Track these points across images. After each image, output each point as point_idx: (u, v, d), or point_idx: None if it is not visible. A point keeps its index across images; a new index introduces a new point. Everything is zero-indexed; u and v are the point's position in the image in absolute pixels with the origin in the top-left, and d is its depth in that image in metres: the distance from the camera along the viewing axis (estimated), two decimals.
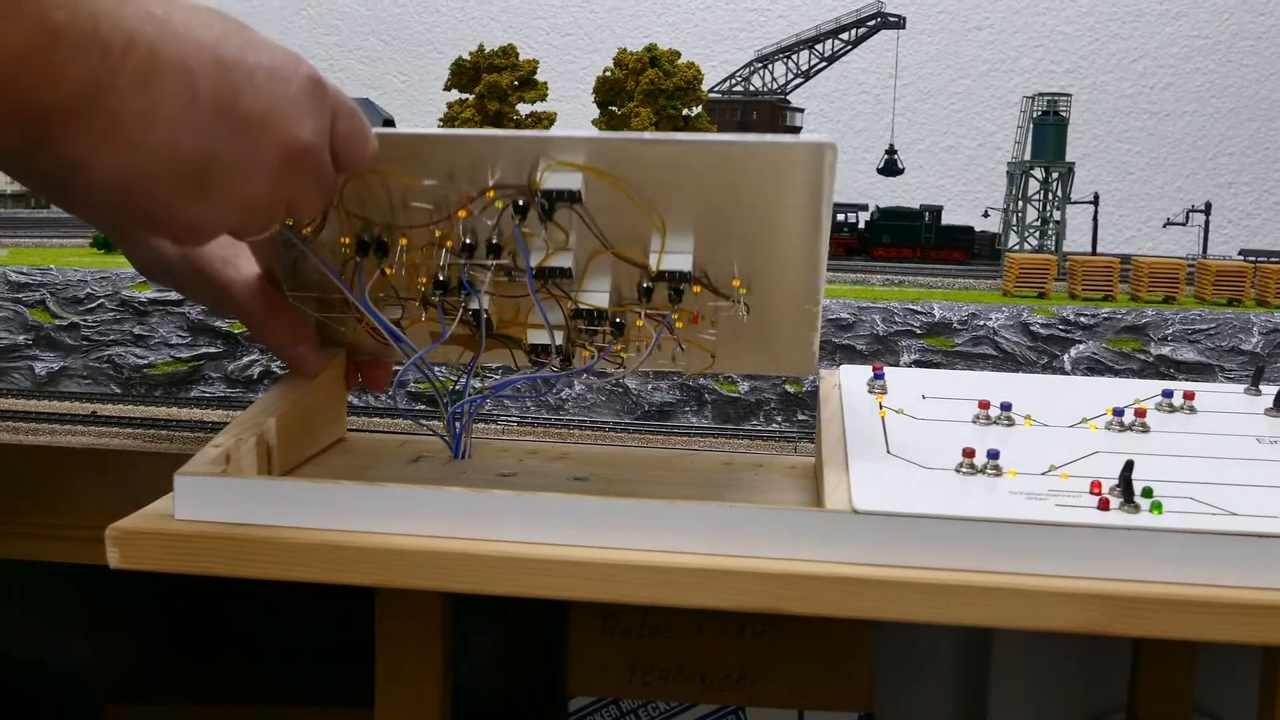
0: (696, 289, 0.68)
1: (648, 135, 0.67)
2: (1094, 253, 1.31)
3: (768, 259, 0.68)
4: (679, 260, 0.68)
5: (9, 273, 1.03)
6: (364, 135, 0.63)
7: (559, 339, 0.70)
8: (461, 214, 0.68)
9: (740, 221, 0.67)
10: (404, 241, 0.69)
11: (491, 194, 0.67)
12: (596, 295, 0.70)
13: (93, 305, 1.02)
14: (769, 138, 0.65)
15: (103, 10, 0.50)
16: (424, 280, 0.70)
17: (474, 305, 0.70)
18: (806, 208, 0.65)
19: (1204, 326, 0.97)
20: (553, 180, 0.66)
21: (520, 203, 0.67)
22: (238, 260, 0.73)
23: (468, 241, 0.69)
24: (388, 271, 0.70)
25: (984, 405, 0.71)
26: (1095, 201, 1.34)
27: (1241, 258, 1.27)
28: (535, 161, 0.66)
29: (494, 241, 0.69)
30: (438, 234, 0.69)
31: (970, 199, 1.70)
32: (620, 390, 0.92)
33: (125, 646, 1.50)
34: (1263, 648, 1.03)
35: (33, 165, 0.54)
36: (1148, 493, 0.60)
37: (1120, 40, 1.71)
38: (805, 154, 0.64)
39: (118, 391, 1.00)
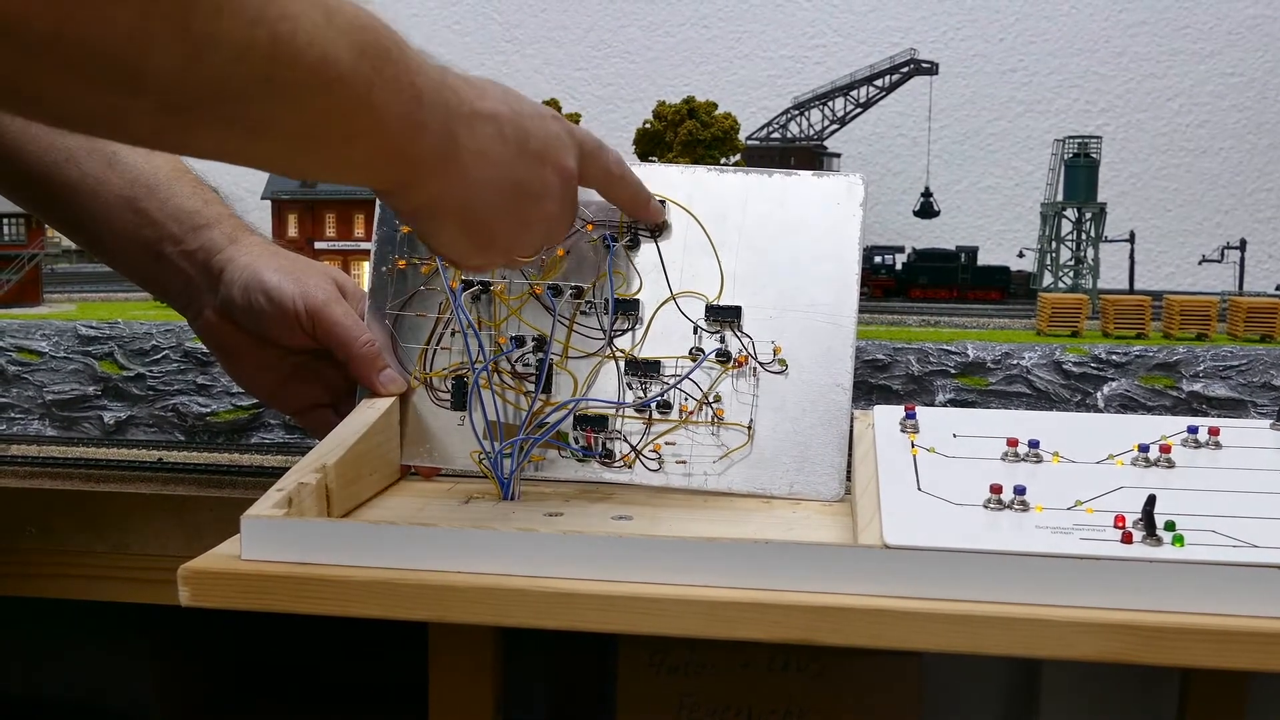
0: (742, 359, 0.81)
1: (717, 168, 0.85)
2: (1131, 290, 1.33)
3: (804, 286, 0.81)
4: (733, 298, 0.82)
5: (79, 327, 1.08)
6: (609, 158, 0.78)
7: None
8: (560, 253, 0.82)
9: (782, 252, 0.82)
10: (501, 288, 0.83)
11: (590, 227, 0.83)
12: (654, 351, 0.82)
13: (158, 357, 1.07)
14: (809, 172, 0.84)
15: (436, 78, 0.62)
16: (503, 340, 0.82)
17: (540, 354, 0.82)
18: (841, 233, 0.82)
19: (1235, 363, 0.99)
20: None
21: (609, 240, 0.82)
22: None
23: (557, 284, 0.82)
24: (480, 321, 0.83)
25: (1012, 443, 0.74)
26: (1131, 239, 1.36)
27: (1279, 293, 1.28)
28: None
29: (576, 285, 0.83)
30: (531, 279, 0.82)
31: (1008, 238, 1.71)
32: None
33: (182, 684, 1.53)
34: None
35: (388, 202, 0.68)
36: (1170, 526, 0.63)
37: (1155, 79, 1.73)
38: (839, 185, 0.82)
39: (182, 439, 1.05)
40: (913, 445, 0.75)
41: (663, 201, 0.83)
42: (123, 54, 0.45)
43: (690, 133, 1.16)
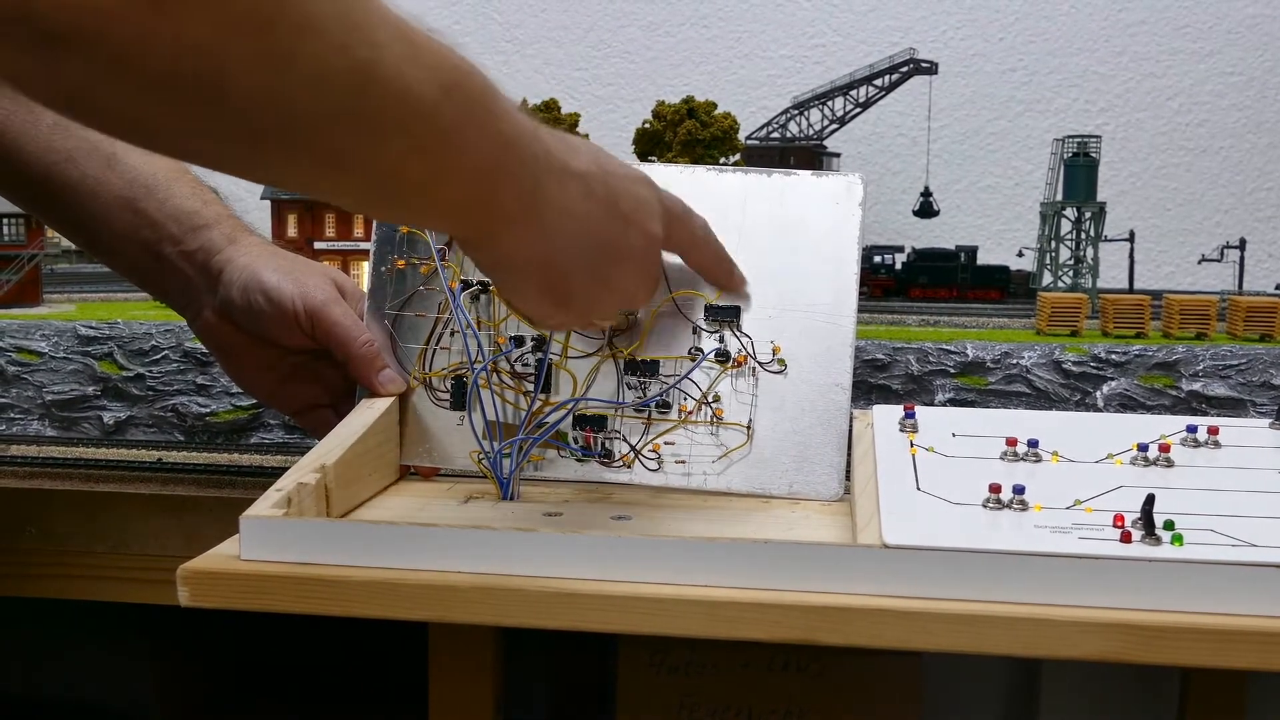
0: (741, 358, 0.80)
1: (716, 168, 0.86)
2: (1130, 289, 1.33)
3: (803, 286, 0.81)
4: (732, 298, 0.81)
5: (79, 327, 1.08)
6: (695, 224, 0.77)
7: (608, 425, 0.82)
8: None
9: (781, 252, 0.82)
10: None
11: None
12: (653, 351, 0.82)
13: (157, 357, 1.07)
14: (808, 172, 0.84)
15: (527, 128, 0.60)
16: (502, 340, 0.82)
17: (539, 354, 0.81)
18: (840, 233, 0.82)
19: (1235, 362, 0.99)
20: None
21: None
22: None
23: None
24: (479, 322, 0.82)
25: (1011, 442, 0.74)
26: (1131, 239, 1.36)
27: (1278, 292, 1.28)
28: None
29: None
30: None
31: (1008, 238, 1.71)
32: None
33: (182, 684, 1.53)
34: None
35: (469, 252, 0.66)
36: (1169, 525, 0.63)
37: (1154, 79, 1.73)
38: (838, 185, 0.82)
39: (182, 439, 1.05)
40: (912, 445, 0.75)
41: None
42: (199, 70, 0.44)
43: (690, 132, 1.16)
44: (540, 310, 0.69)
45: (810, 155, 1.45)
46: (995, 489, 0.67)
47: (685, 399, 0.81)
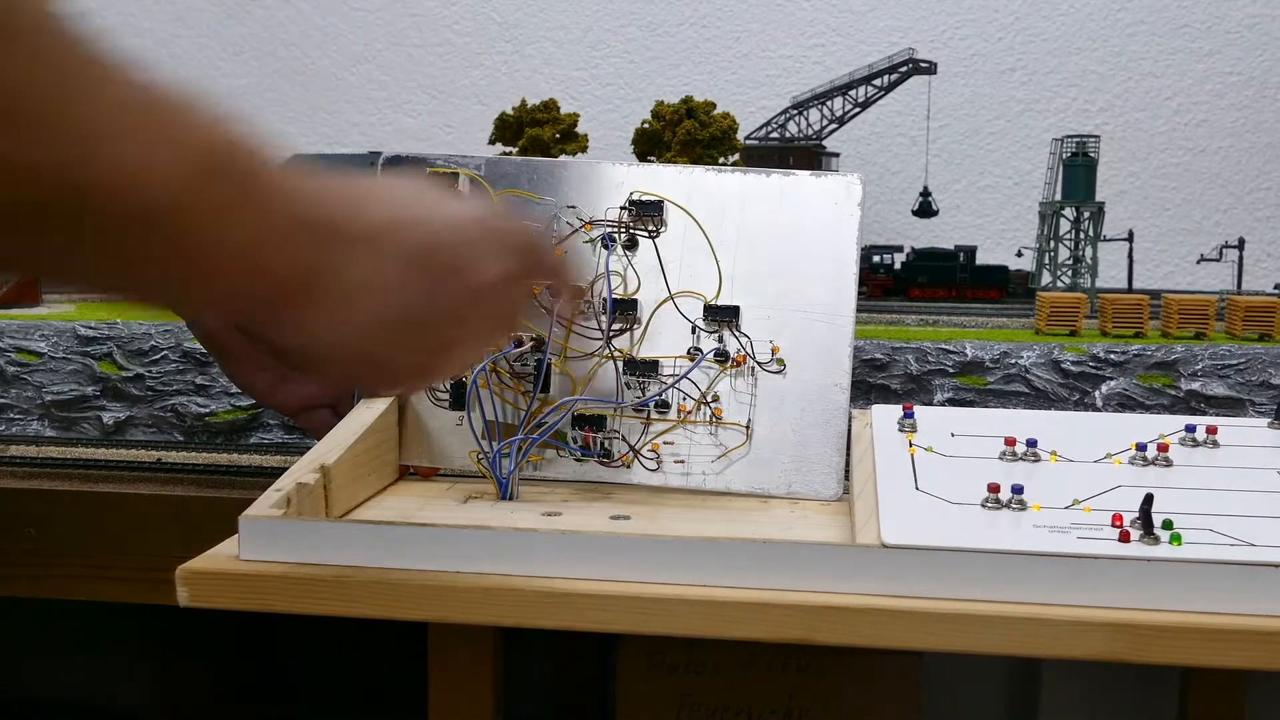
0: (740, 358, 0.81)
1: (715, 168, 0.85)
2: (1129, 289, 1.33)
3: (802, 286, 0.81)
4: (731, 298, 0.82)
5: (78, 327, 1.08)
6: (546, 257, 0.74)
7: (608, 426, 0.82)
8: (559, 252, 0.82)
9: (780, 252, 0.82)
10: None
11: (590, 227, 0.83)
12: (652, 351, 0.82)
13: (157, 357, 1.07)
14: (808, 172, 0.84)
15: (303, 198, 0.56)
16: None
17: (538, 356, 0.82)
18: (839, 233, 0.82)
19: (1233, 362, 0.99)
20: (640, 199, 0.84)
21: (608, 239, 0.82)
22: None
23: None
24: None
25: (1010, 442, 0.74)
26: (1130, 239, 1.36)
27: (1277, 292, 1.28)
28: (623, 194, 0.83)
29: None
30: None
31: (1008, 237, 1.71)
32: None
33: (182, 685, 1.53)
34: None
35: (265, 334, 0.62)
36: (1168, 525, 0.63)
37: (1153, 79, 1.73)
38: (837, 185, 0.82)
39: (181, 439, 1.05)
40: (911, 444, 0.75)
41: (660, 203, 0.83)
42: None
43: (689, 132, 1.17)
44: (367, 387, 0.66)
45: (809, 155, 1.45)
46: (994, 489, 0.67)
47: (684, 399, 0.81)
